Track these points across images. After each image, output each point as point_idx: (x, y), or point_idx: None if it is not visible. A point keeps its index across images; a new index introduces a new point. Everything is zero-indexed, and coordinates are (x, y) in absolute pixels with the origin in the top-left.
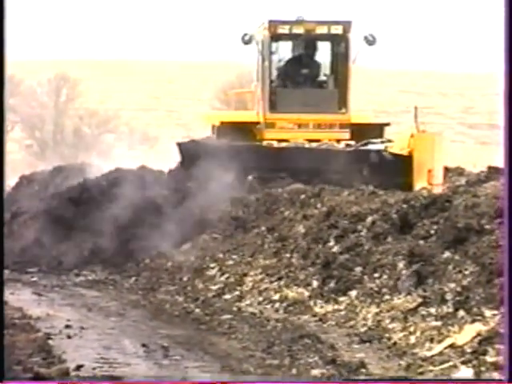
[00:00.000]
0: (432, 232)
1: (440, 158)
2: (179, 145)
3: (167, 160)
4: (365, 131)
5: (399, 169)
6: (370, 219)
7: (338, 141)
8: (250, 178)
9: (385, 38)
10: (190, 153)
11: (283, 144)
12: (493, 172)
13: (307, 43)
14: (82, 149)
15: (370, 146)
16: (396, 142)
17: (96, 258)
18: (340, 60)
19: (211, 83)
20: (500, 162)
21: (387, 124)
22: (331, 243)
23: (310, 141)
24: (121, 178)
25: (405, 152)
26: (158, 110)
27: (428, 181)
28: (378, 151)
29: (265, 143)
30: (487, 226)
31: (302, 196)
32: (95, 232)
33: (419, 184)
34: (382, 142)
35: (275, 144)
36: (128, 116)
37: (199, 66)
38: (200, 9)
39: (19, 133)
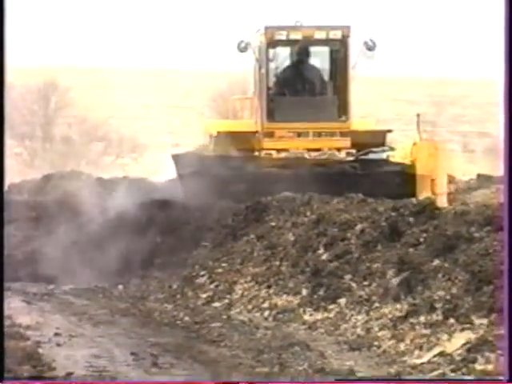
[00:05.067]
0: (421, 240)
1: (443, 167)
2: (174, 157)
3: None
4: (367, 138)
5: (402, 178)
6: (359, 227)
7: (339, 149)
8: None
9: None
10: (185, 165)
11: (282, 154)
12: (482, 180)
13: (305, 49)
14: (72, 156)
15: (372, 155)
16: (398, 150)
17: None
18: (339, 66)
19: (201, 91)
20: (489, 169)
21: (389, 131)
22: (321, 251)
23: (310, 150)
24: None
25: (407, 161)
26: (148, 118)
27: (432, 190)
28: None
29: (263, 154)
30: (476, 234)
31: (292, 204)
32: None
33: (423, 194)
34: (384, 151)
35: (274, 154)
36: (117, 124)
37: (189, 73)
38: (191, 17)
39: (8, 140)
